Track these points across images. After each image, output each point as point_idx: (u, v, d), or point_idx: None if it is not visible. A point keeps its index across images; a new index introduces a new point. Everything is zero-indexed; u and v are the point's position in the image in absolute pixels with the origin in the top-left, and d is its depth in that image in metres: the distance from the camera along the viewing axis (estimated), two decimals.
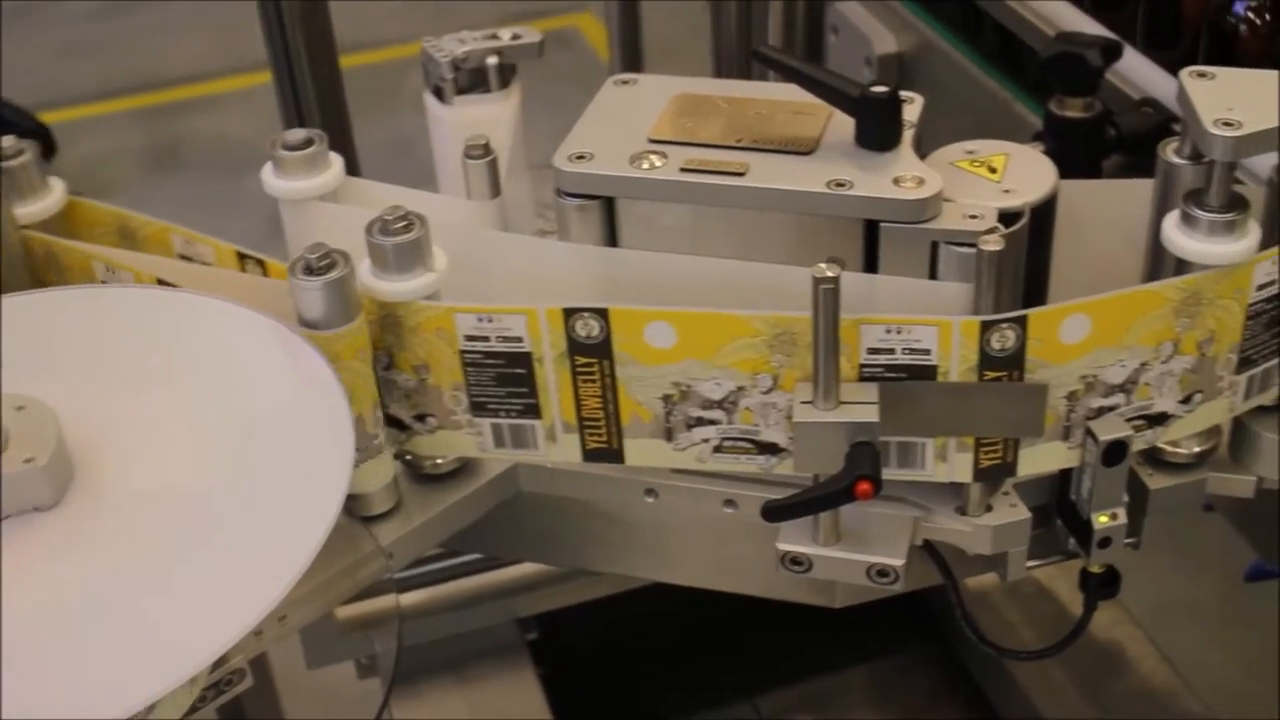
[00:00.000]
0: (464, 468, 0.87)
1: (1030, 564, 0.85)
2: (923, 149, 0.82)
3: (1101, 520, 0.80)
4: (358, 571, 0.82)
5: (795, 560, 0.80)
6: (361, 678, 1.35)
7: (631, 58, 2.25)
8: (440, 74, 0.94)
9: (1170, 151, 0.80)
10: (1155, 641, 1.32)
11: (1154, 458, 0.83)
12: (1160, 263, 0.78)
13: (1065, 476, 0.82)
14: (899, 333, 0.74)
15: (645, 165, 0.79)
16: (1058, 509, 0.84)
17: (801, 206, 0.77)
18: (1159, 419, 0.79)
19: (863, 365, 0.75)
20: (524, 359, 0.79)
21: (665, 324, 0.76)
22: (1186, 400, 0.79)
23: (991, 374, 0.74)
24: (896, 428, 0.76)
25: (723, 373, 0.77)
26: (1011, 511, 0.81)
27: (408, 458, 0.86)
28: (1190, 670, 1.35)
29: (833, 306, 0.71)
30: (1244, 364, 0.79)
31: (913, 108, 0.81)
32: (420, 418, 0.83)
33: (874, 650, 1.46)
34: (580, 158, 0.80)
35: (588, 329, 0.77)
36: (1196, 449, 0.83)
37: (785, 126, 0.81)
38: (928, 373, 0.75)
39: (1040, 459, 0.79)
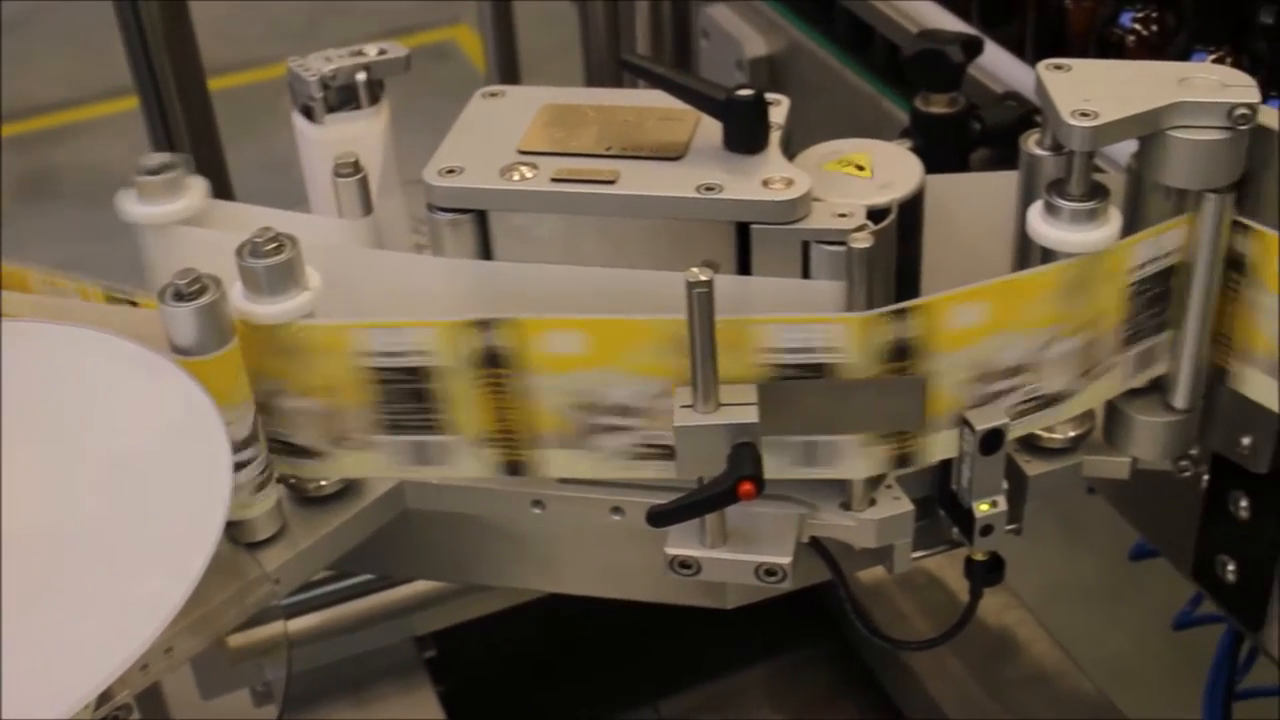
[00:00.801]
0: (349, 488, 0.86)
1: (916, 555, 0.86)
2: (793, 149, 0.83)
3: (982, 509, 0.81)
4: (244, 599, 0.81)
5: (684, 564, 0.81)
6: (258, 705, 1.34)
7: (508, 69, 2.25)
8: (307, 93, 0.93)
9: (1032, 143, 0.81)
10: (1045, 623, 1.35)
11: (1031, 444, 0.85)
12: (1027, 252, 0.80)
13: (946, 467, 0.83)
14: (785, 331, 0.74)
15: (515, 177, 0.79)
16: (940, 499, 0.85)
17: (672, 212, 0.78)
18: (1049, 401, 0.80)
19: (753, 365, 0.75)
20: (427, 374, 0.78)
21: (572, 332, 0.76)
22: (1076, 380, 0.80)
23: (882, 367, 0.75)
24: (777, 427, 0.76)
25: (630, 377, 0.77)
26: (895, 504, 0.82)
27: (291, 481, 0.85)
28: (1081, 649, 1.38)
29: (707, 309, 0.72)
30: (1128, 342, 0.81)
31: (779, 109, 0.82)
32: (315, 440, 0.82)
33: (774, 648, 1.47)
34: (450, 172, 0.80)
35: (492, 340, 0.76)
36: (1071, 434, 0.85)
37: (654, 133, 0.82)
38: (811, 371, 0.75)
39: (932, 450, 0.80)
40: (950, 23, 1.11)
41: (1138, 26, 0.97)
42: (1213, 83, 0.76)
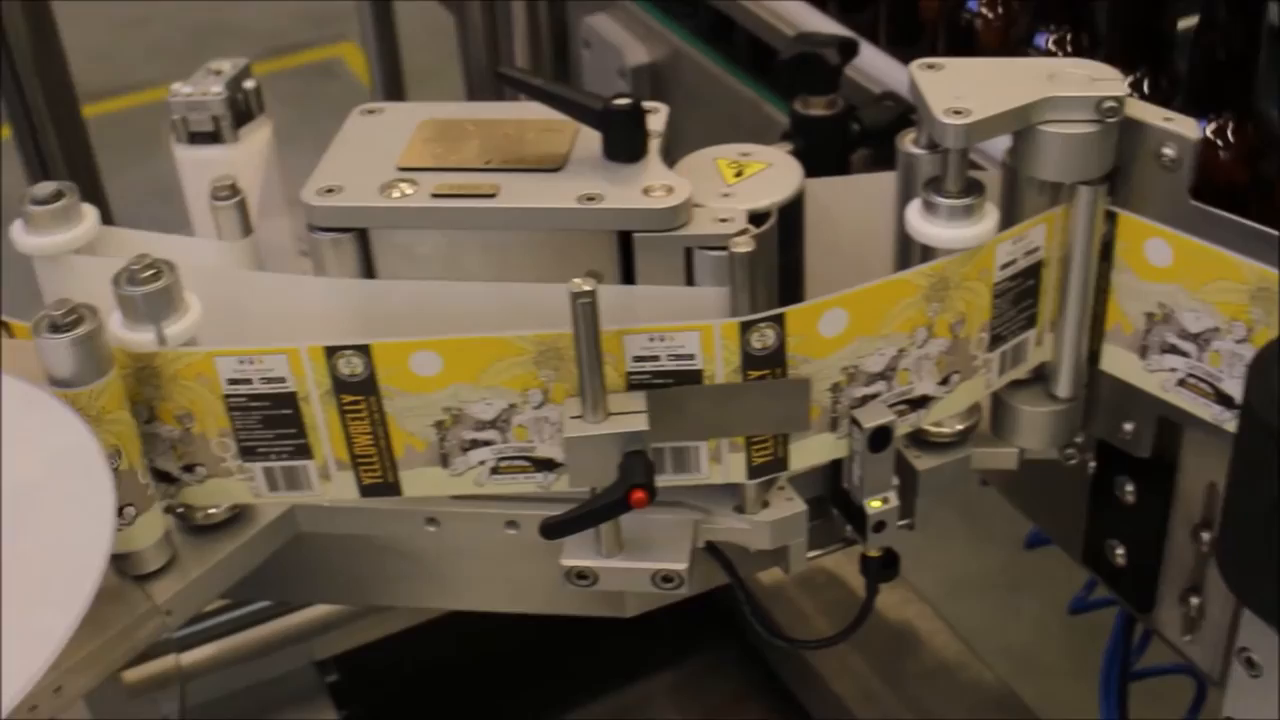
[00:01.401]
0: (239, 515, 0.85)
1: (812, 555, 0.87)
2: (674, 156, 0.83)
3: (874, 505, 0.82)
4: (135, 633, 0.79)
5: (581, 575, 0.81)
6: None
7: (393, 84, 2.24)
8: (186, 116, 0.92)
9: (908, 142, 0.82)
10: (947, 616, 1.36)
11: (919, 440, 0.86)
12: (908, 250, 0.81)
13: (837, 466, 0.84)
14: (662, 340, 0.75)
15: (395, 194, 0.79)
16: (833, 498, 0.86)
17: (554, 223, 0.77)
18: (920, 402, 0.81)
19: (630, 374, 0.76)
20: (289, 399, 0.77)
21: (430, 353, 0.76)
22: (945, 381, 0.81)
23: (755, 373, 0.75)
24: (666, 434, 0.77)
25: (492, 392, 0.77)
26: (788, 505, 0.83)
27: (179, 510, 0.83)
28: (983, 639, 1.40)
29: (592, 320, 0.72)
30: (995, 341, 0.82)
31: (657, 117, 0.82)
32: (189, 468, 0.81)
33: (680, 654, 1.48)
34: (329, 191, 0.79)
35: (351, 366, 0.76)
36: (959, 427, 0.86)
37: (534, 145, 0.82)
38: (693, 377, 0.76)
39: (811, 452, 0.80)
40: (825, 24, 1.12)
41: (984, 10, 0.99)
42: (1081, 77, 0.77)
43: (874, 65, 1.07)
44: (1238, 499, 0.73)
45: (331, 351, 0.75)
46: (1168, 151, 0.77)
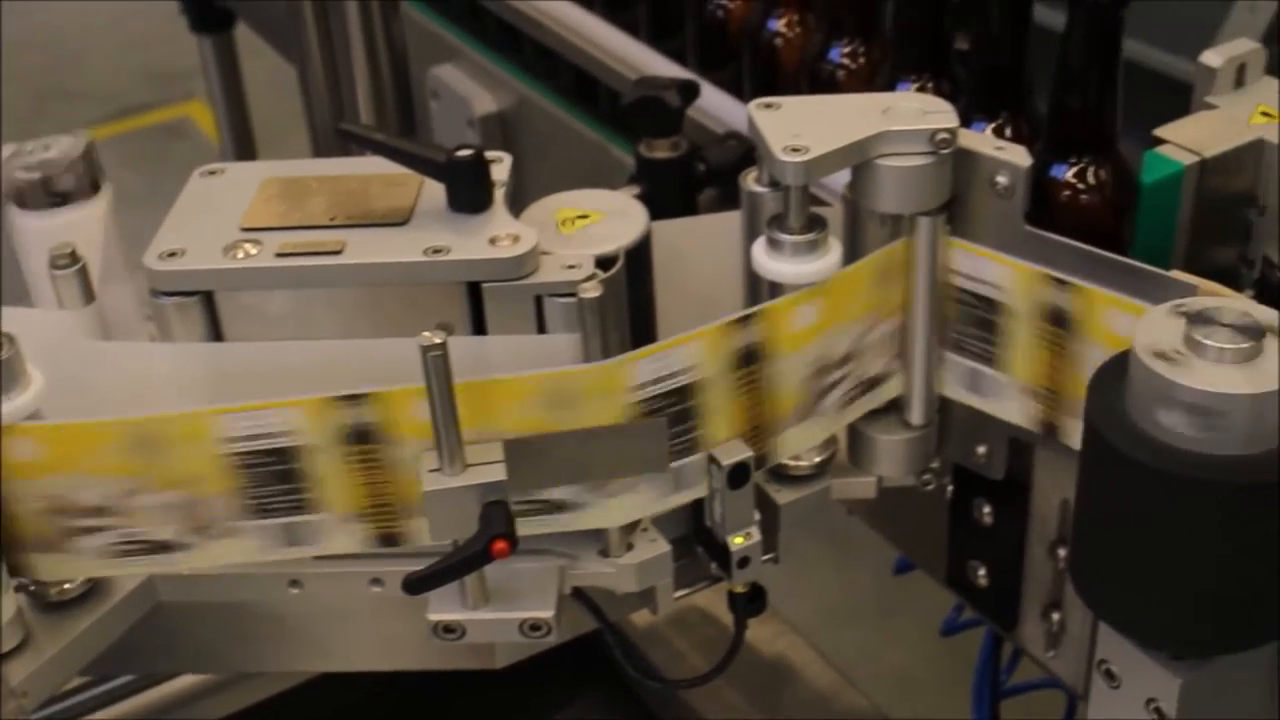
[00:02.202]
0: (94, 589, 0.83)
1: (679, 594, 0.87)
2: (523, 204, 0.83)
3: (737, 542, 0.82)
4: None
5: (448, 628, 0.80)
6: None
7: (243, 142, 2.22)
8: (22, 183, 0.90)
9: (750, 181, 0.83)
10: (823, 645, 1.37)
11: (779, 473, 0.87)
12: (757, 288, 0.82)
13: (700, 505, 0.84)
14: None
15: (240, 255, 0.78)
16: (697, 537, 0.86)
17: (402, 277, 0.77)
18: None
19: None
20: (290, 454, 0.75)
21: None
22: (804, 415, 0.82)
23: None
24: (526, 482, 0.77)
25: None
26: (652, 547, 0.83)
27: (31, 588, 0.81)
28: (859, 666, 1.41)
29: (443, 372, 0.71)
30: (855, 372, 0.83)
31: (501, 166, 0.82)
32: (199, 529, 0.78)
33: (562, 699, 1.47)
34: (172, 255, 0.78)
35: (358, 415, 0.74)
36: (817, 459, 0.87)
37: (379, 199, 0.81)
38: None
39: None
40: (669, 69, 1.14)
41: (846, 60, 1.01)
42: (914, 110, 0.79)
43: (718, 106, 1.09)
44: (1085, 513, 0.74)
45: (339, 402, 0.74)
46: (1001, 180, 0.79)
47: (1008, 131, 0.90)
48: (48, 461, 0.75)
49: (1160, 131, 0.87)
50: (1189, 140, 0.86)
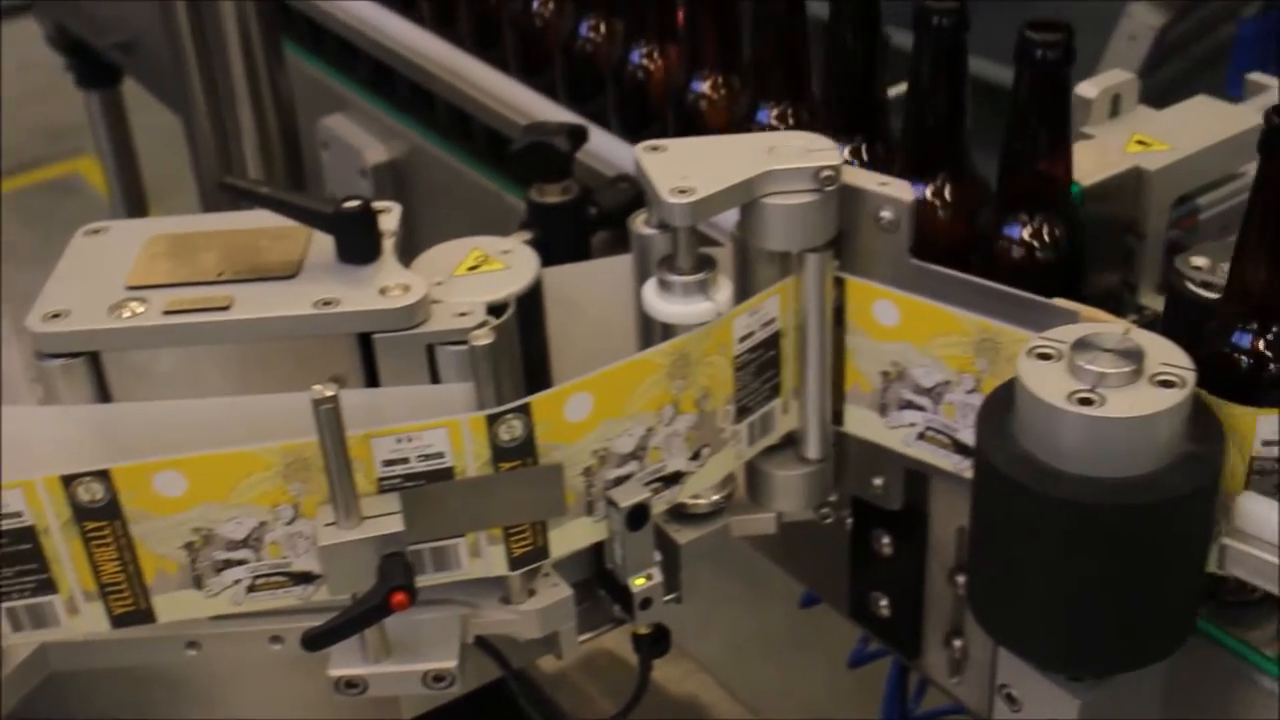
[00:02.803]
0: None
1: (583, 638, 0.87)
2: (420, 251, 0.83)
3: (639, 583, 0.83)
4: None
5: (350, 683, 0.79)
6: None
7: (133, 197, 2.20)
8: None
9: (639, 223, 0.84)
10: (731, 682, 1.37)
11: (678, 513, 0.87)
12: (650, 330, 0.82)
13: (600, 547, 0.84)
14: (410, 440, 0.74)
15: (126, 314, 0.77)
16: (599, 579, 0.86)
17: (291, 331, 0.77)
18: (674, 478, 0.82)
19: (381, 479, 0.75)
20: (28, 533, 0.75)
21: (173, 472, 0.74)
22: (696, 456, 0.82)
23: (506, 464, 0.76)
24: (423, 533, 0.76)
25: (241, 510, 0.75)
26: (554, 592, 0.83)
27: None
28: (772, 700, 1.41)
29: (336, 425, 0.71)
30: (742, 413, 0.84)
31: (390, 216, 0.82)
32: None
33: None
34: (56, 316, 0.77)
35: (91, 492, 0.73)
36: (715, 497, 0.87)
37: (267, 253, 0.81)
38: (444, 475, 0.75)
39: (570, 537, 0.81)
40: (558, 113, 1.14)
41: (708, 91, 1.02)
42: (798, 149, 0.80)
43: (609, 148, 1.09)
44: (979, 540, 0.75)
45: (69, 480, 0.73)
46: (886, 214, 0.80)
47: (864, 154, 0.91)
48: None
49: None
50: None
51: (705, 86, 1.02)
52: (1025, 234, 0.84)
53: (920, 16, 0.83)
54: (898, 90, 0.91)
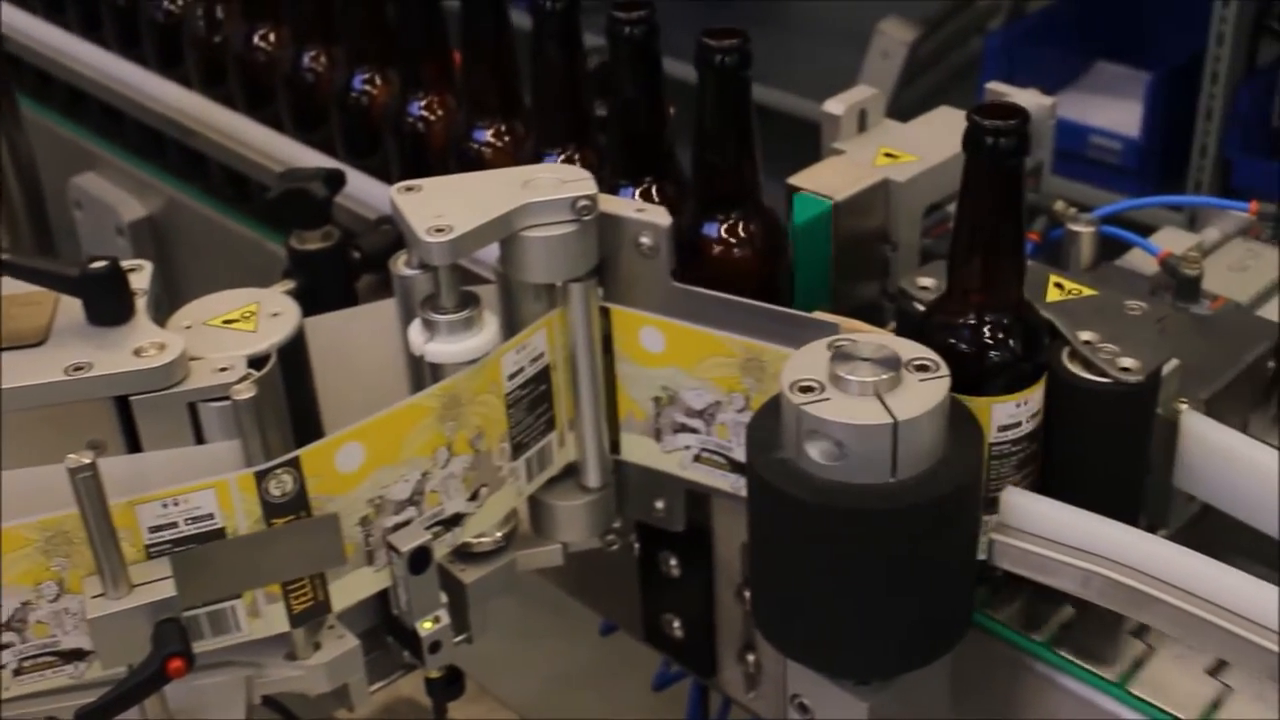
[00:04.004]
0: None
1: (374, 688, 0.85)
2: (173, 308, 0.81)
3: (426, 627, 0.82)
4: None
5: None
6: None
7: None
8: None
9: (400, 265, 0.83)
10: (543, 716, 1.36)
11: (463, 553, 0.86)
12: (420, 372, 0.81)
13: (386, 594, 0.83)
14: (177, 504, 0.72)
15: None
16: (387, 627, 0.85)
17: (43, 399, 0.74)
18: (454, 520, 0.82)
19: (149, 546, 0.73)
20: None
21: None
22: (474, 497, 0.82)
23: (279, 520, 0.74)
24: (198, 596, 0.74)
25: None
26: (340, 644, 0.82)
27: None
28: None
29: (96, 494, 0.69)
30: (518, 449, 0.83)
31: (141, 275, 0.80)
32: None
33: None
34: None
35: None
36: (499, 534, 0.87)
37: (13, 321, 0.78)
38: (216, 536, 0.73)
39: (352, 589, 0.79)
40: (315, 159, 1.12)
41: (491, 139, 1.02)
42: (553, 181, 0.80)
43: (368, 192, 1.08)
44: (758, 554, 0.77)
45: None
46: (645, 240, 0.81)
47: (654, 194, 0.92)
48: None
49: (794, 180, 0.91)
50: (821, 186, 0.90)
51: (488, 135, 1.02)
52: (722, 233, 0.86)
53: (612, 29, 0.85)
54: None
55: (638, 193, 0.91)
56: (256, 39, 1.19)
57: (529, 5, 0.91)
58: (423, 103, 1.06)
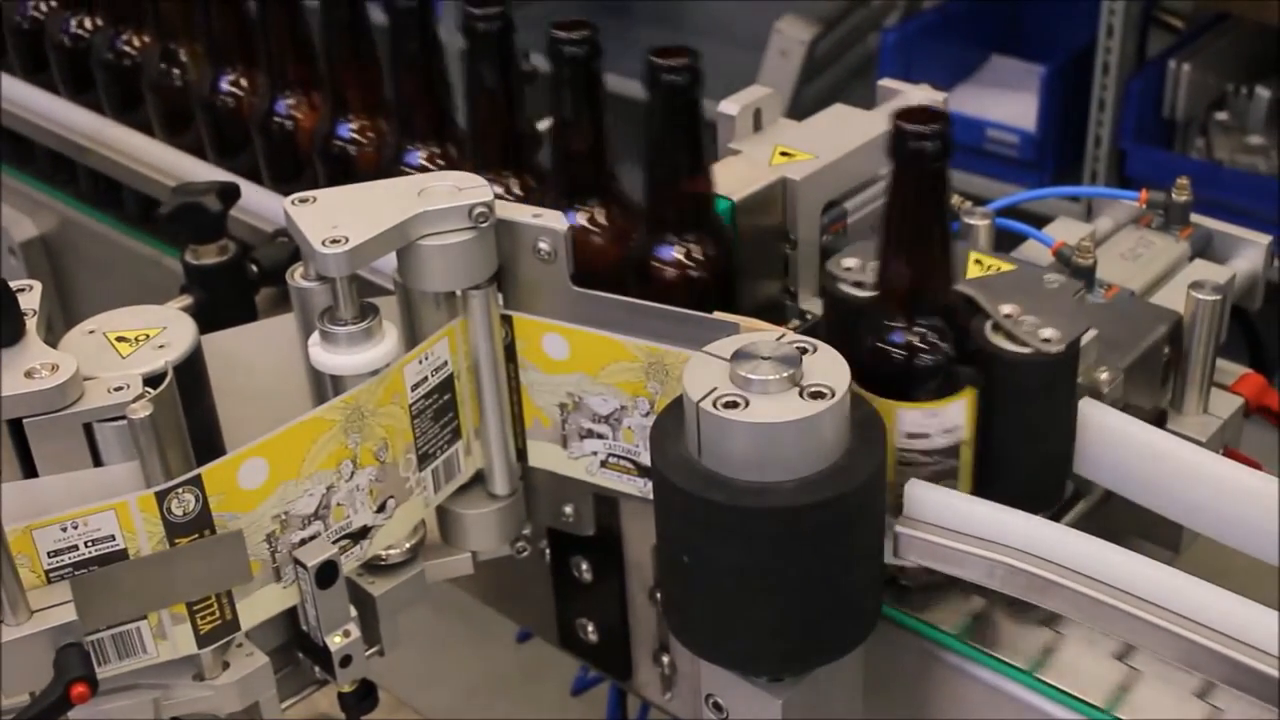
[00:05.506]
0: None
1: (286, 705, 0.84)
2: (68, 328, 0.80)
3: (336, 641, 0.81)
4: None
5: None
6: None
7: None
8: None
9: (298, 277, 0.82)
10: None
11: (371, 565, 0.85)
12: (321, 385, 0.81)
13: (295, 610, 0.82)
14: (76, 527, 0.71)
15: None
16: (298, 642, 0.84)
17: None
18: (361, 533, 0.81)
19: (49, 571, 0.72)
20: None
21: None
22: (381, 509, 0.81)
23: (182, 539, 0.73)
24: (100, 619, 0.73)
25: None
26: (249, 661, 0.81)
27: None
28: None
29: None
30: (424, 460, 0.83)
31: (31, 295, 0.78)
32: None
33: None
34: None
35: None
36: (408, 545, 0.86)
37: None
38: (119, 558, 0.72)
39: (260, 606, 0.79)
40: (211, 173, 1.11)
41: (355, 136, 1.01)
42: (448, 188, 0.80)
43: (265, 204, 1.07)
44: (666, 556, 0.77)
45: None
46: (543, 246, 0.81)
47: (515, 188, 0.91)
48: None
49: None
50: (719, 185, 0.90)
51: (352, 132, 1.01)
52: (676, 253, 0.86)
53: (553, 47, 0.84)
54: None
55: (580, 216, 0.90)
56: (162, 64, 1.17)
57: (462, 27, 0.89)
58: (289, 101, 1.05)
